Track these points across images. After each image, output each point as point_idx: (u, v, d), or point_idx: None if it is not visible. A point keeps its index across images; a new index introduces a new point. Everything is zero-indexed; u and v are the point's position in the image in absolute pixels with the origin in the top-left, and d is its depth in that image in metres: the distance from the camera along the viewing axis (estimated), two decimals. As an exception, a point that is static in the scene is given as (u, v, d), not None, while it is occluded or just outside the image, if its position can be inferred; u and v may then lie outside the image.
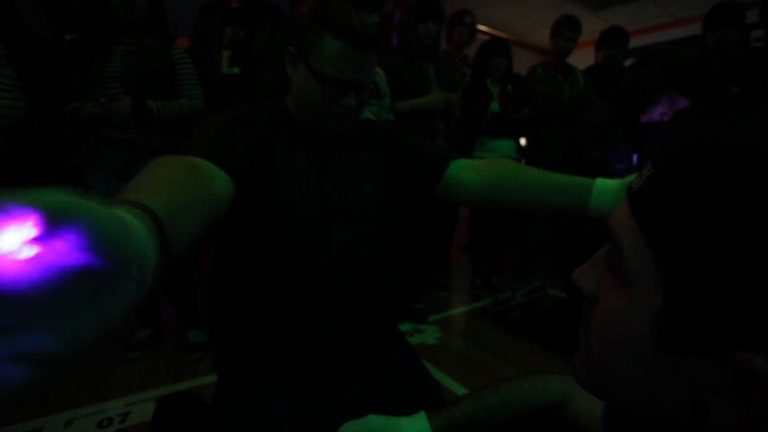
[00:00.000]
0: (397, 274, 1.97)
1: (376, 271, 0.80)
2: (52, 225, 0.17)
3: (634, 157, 1.53)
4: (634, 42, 2.37)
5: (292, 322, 0.71)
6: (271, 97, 0.80)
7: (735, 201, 0.20)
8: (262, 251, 0.70)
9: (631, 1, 4.19)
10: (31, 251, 0.17)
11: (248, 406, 0.68)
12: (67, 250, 0.18)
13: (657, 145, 1.43)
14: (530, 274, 2.39)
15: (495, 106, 2.13)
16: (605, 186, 0.64)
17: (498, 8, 4.42)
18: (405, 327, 1.89)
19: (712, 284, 0.20)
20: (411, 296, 2.04)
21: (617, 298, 0.26)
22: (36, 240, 0.17)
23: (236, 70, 1.68)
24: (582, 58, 2.87)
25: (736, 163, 0.20)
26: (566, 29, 2.20)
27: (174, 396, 1.19)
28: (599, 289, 0.29)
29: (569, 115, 2.19)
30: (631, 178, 0.60)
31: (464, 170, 0.76)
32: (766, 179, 0.19)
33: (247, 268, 0.73)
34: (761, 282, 0.19)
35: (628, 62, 2.14)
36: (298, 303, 0.71)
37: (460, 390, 1.42)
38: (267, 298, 0.72)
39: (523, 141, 2.46)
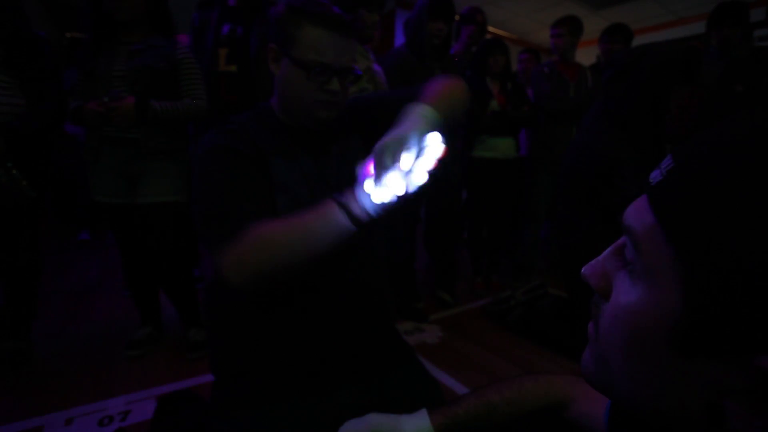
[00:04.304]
0: (396, 271, 1.96)
1: (374, 266, 0.80)
2: None
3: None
4: (636, 41, 2.36)
5: (289, 321, 0.71)
6: (268, 96, 0.80)
7: (759, 198, 0.19)
8: None
9: (632, -1, 4.18)
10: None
11: (246, 406, 0.68)
12: None
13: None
14: (530, 273, 2.38)
15: (494, 104, 2.12)
16: None
17: (499, 7, 4.40)
18: (406, 326, 1.89)
19: (734, 285, 0.19)
20: (411, 295, 2.03)
21: (632, 296, 0.25)
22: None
23: (233, 68, 1.67)
24: (583, 57, 2.86)
25: (761, 159, 0.20)
26: (562, 27, 2.21)
27: (174, 394, 1.19)
28: (610, 285, 0.28)
29: (571, 114, 2.18)
30: None
31: None
32: None
33: None
34: None
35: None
36: (296, 301, 0.71)
37: (460, 389, 1.41)
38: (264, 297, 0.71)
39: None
